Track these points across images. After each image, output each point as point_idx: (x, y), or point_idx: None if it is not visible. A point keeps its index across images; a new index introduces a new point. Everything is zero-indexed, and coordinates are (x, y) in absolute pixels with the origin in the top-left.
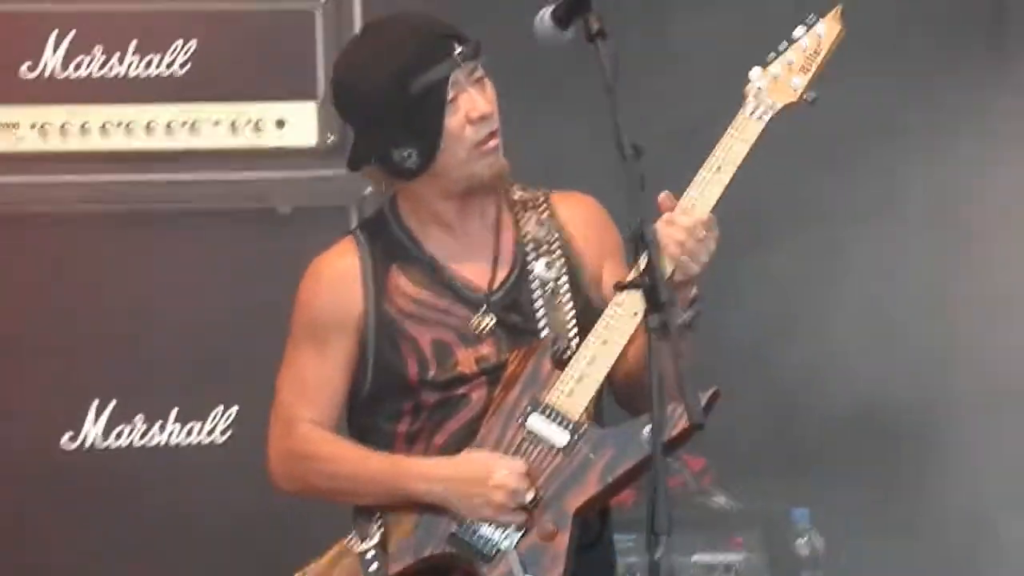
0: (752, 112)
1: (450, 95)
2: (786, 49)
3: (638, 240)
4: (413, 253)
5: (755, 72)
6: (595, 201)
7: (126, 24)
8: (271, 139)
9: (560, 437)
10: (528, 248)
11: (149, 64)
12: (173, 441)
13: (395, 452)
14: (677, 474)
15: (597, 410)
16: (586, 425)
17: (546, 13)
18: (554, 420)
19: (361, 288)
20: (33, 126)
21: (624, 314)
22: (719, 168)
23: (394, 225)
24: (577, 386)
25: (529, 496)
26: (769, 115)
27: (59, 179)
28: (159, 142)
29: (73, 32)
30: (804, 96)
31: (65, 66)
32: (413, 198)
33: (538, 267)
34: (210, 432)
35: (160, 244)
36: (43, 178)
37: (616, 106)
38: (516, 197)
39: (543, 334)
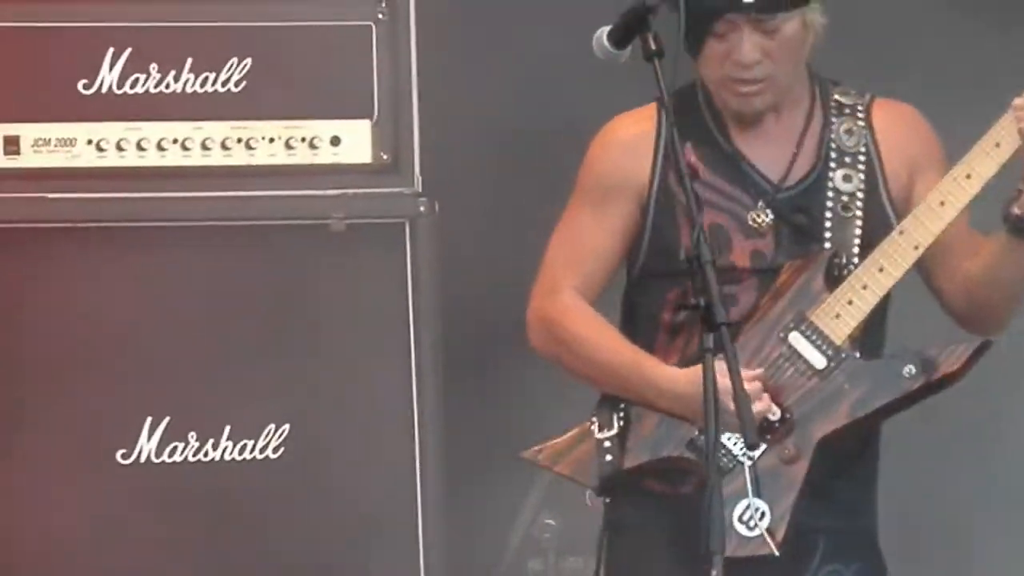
0: None
1: (719, 28)
2: None
3: (695, 260)
4: (713, 134)
5: None
6: (916, 113)
7: (182, 41)
8: (326, 156)
9: (819, 359)
10: (832, 155)
11: (205, 81)
12: (227, 457)
13: (657, 341)
14: None
15: (871, 336)
16: (846, 352)
17: (603, 33)
18: (815, 341)
19: (651, 157)
20: (90, 142)
21: (905, 245)
22: None
23: (702, 101)
24: (845, 310)
25: (776, 414)
26: None
27: (115, 196)
28: (215, 159)
29: (129, 50)
30: None
31: (121, 83)
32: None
33: (837, 176)
34: (262, 450)
35: (216, 261)
36: (99, 195)
37: (674, 125)
38: (835, 98)
39: (826, 244)
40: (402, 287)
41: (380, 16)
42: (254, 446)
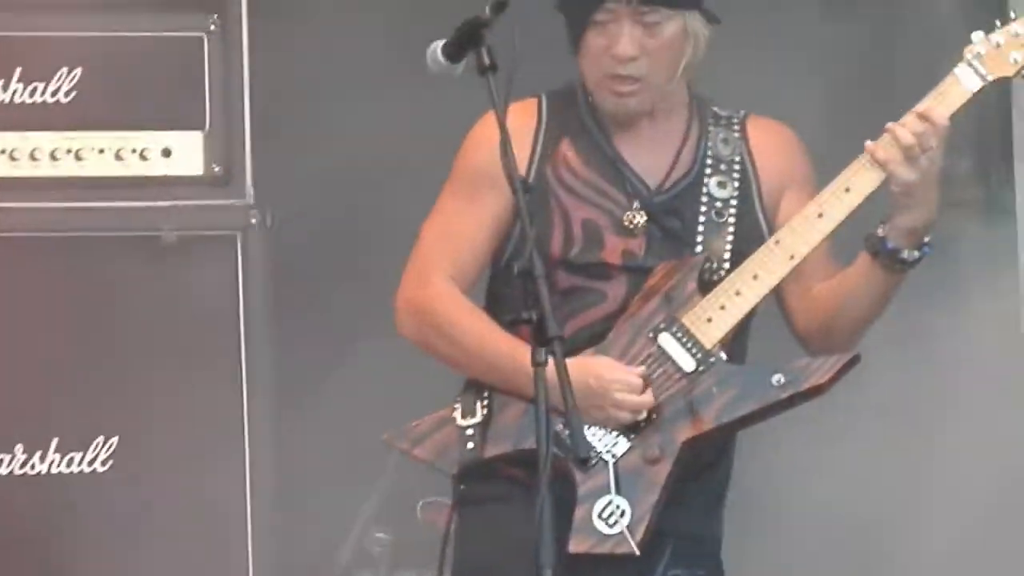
0: (962, 77)
1: (599, 17)
2: (1014, 20)
3: (527, 274)
4: (593, 133)
5: (978, 35)
6: (790, 131)
7: (10, 51)
8: (157, 168)
9: (688, 362)
10: (708, 162)
11: (34, 91)
12: (54, 471)
13: (521, 332)
14: None
15: (735, 346)
16: (716, 356)
17: (437, 47)
18: (686, 343)
19: (529, 148)
20: None
21: (781, 254)
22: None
23: (582, 101)
24: (718, 314)
25: (647, 400)
26: (979, 84)
27: None
28: (44, 170)
29: None
30: (1021, 72)
31: None
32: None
33: (712, 183)
34: (91, 462)
35: (45, 272)
36: None
37: (508, 138)
38: (712, 110)
39: (698, 249)
40: (234, 299)
41: (212, 27)
42: (82, 458)
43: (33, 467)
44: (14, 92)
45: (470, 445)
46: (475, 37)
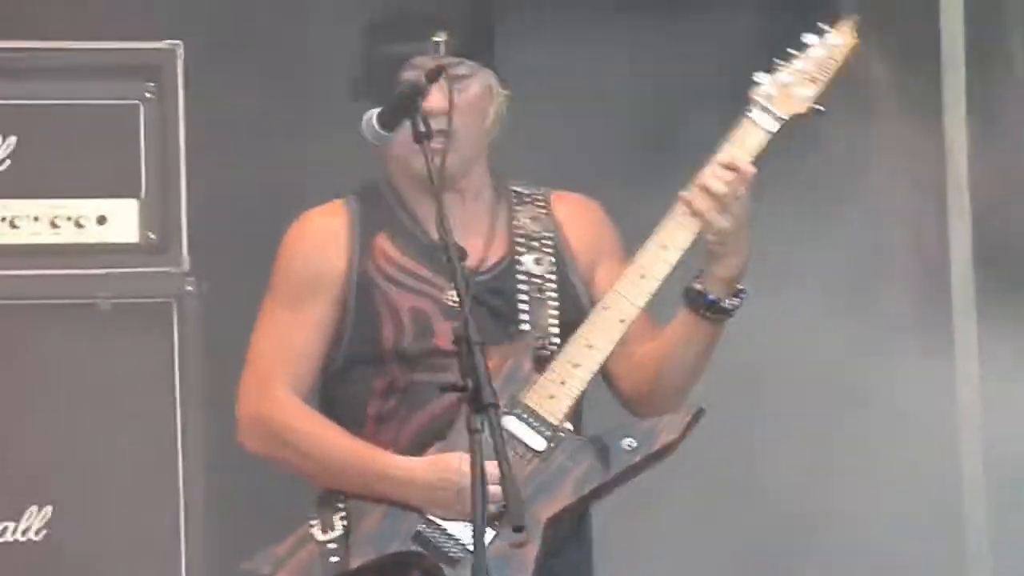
0: (757, 120)
1: (406, 73)
2: (796, 57)
3: (463, 341)
4: (403, 220)
5: (762, 77)
6: (595, 204)
7: None
8: (92, 235)
9: (537, 441)
10: (520, 240)
11: None
12: None
13: (363, 433)
14: None
15: (576, 416)
16: (564, 432)
17: (372, 116)
18: (531, 423)
19: (346, 248)
20: None
21: (610, 319)
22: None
23: (387, 191)
24: (559, 389)
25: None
26: (776, 126)
27: None
28: None
29: None
30: (812, 107)
31: None
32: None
33: (528, 260)
34: (24, 532)
35: None
36: None
37: (443, 206)
38: (513, 189)
39: (524, 326)
40: (169, 367)
41: (147, 95)
42: (15, 528)
43: None
44: None
45: (333, 559)
46: (411, 105)
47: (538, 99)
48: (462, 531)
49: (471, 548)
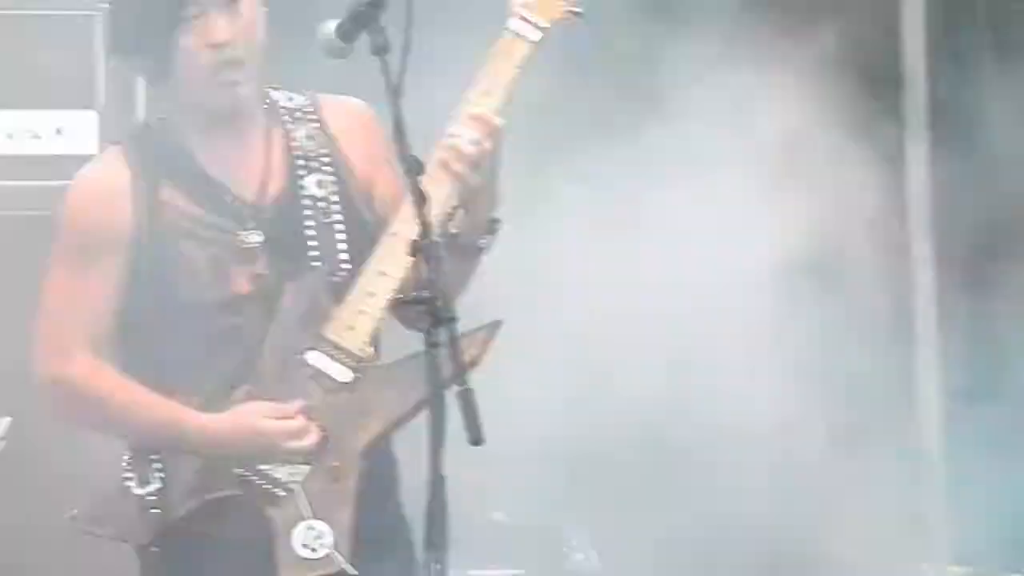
0: (519, 31)
1: (188, 12)
2: None
3: (419, 253)
4: (187, 166)
5: None
6: (365, 106)
7: None
8: (50, 147)
9: (343, 373)
10: (299, 162)
11: None
12: None
13: (169, 384)
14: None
15: (375, 343)
16: (368, 361)
17: (331, 27)
18: (335, 356)
19: (131, 203)
20: None
21: (401, 244)
22: (488, 92)
23: (161, 134)
24: (358, 320)
25: (312, 439)
26: (539, 35)
27: None
28: None
29: None
30: (571, 11)
31: None
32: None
33: (309, 182)
34: None
35: None
36: None
37: (401, 120)
38: (285, 104)
39: (314, 254)
40: None
41: (103, 5)
42: None
43: None
44: None
45: (156, 510)
46: (370, 17)
47: None
48: (281, 471)
49: (291, 486)
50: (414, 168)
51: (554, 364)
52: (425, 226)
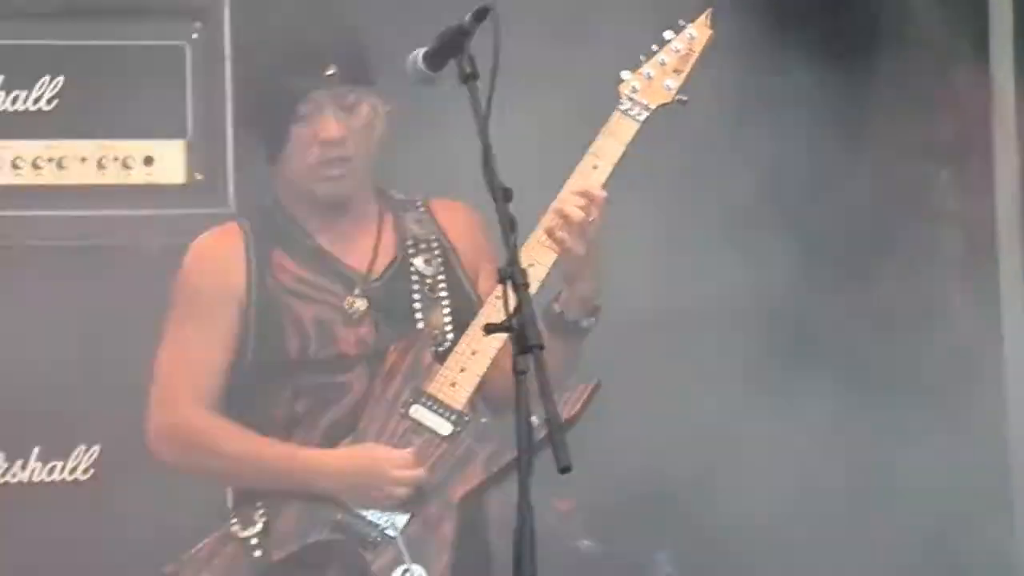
0: (626, 111)
1: (303, 110)
2: (658, 51)
3: (507, 281)
4: (295, 236)
5: (627, 73)
6: (471, 208)
7: None
8: (139, 176)
9: (444, 427)
10: (408, 243)
11: (16, 100)
12: (36, 479)
13: (274, 436)
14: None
15: (480, 404)
16: (469, 415)
17: (419, 55)
18: (437, 410)
19: (244, 263)
20: None
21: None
22: (595, 167)
23: (277, 212)
24: (459, 377)
25: (421, 471)
26: (644, 115)
27: None
28: (26, 178)
29: None
30: (677, 97)
31: None
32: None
33: (418, 262)
34: (72, 470)
35: (27, 280)
36: None
37: (489, 149)
38: (397, 197)
39: (419, 325)
40: None
41: (194, 36)
42: (63, 467)
43: (14, 475)
44: None
45: (257, 553)
46: (456, 46)
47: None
48: (379, 517)
49: (389, 532)
50: (502, 195)
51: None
52: (513, 254)
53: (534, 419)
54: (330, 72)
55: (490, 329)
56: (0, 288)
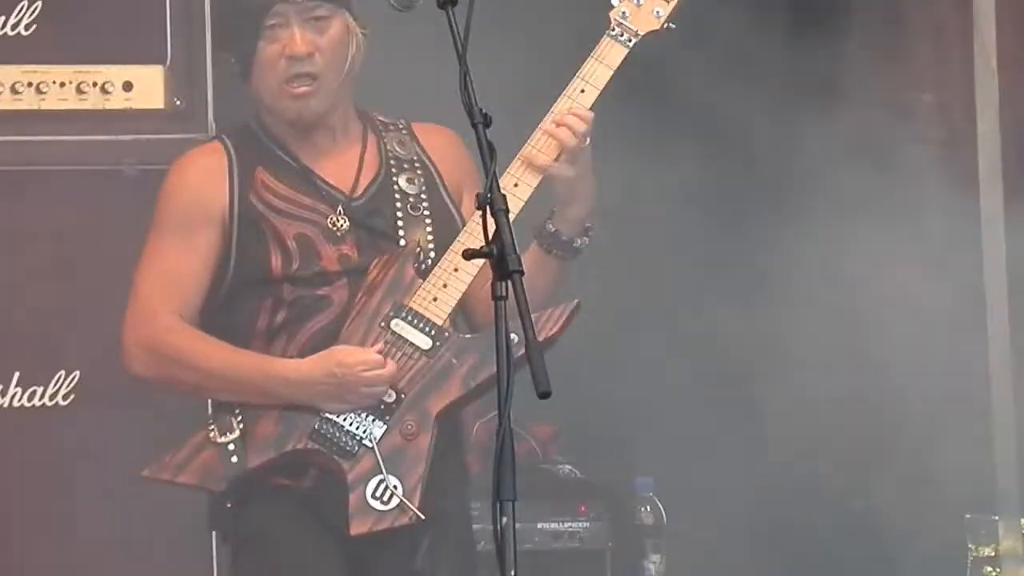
0: (616, 36)
1: (269, 22)
2: None
3: (486, 206)
4: (278, 153)
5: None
6: (453, 132)
7: None
8: (118, 102)
9: (423, 341)
10: (392, 163)
11: None
12: (15, 404)
13: (254, 347)
14: (524, 441)
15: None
16: (449, 331)
17: None
18: (417, 325)
19: (226, 181)
20: None
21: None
22: (583, 90)
23: (258, 130)
24: (441, 292)
25: (391, 368)
26: (632, 41)
27: None
28: (4, 103)
29: None
30: (665, 24)
31: None
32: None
33: (401, 181)
34: (52, 396)
35: (4, 206)
36: None
37: (467, 73)
38: (380, 119)
39: (402, 243)
40: None
41: None
42: (43, 392)
43: None
44: None
45: (234, 459)
46: None
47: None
48: (357, 427)
49: (366, 442)
50: (482, 121)
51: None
52: (492, 180)
53: (514, 336)
54: None
55: (469, 255)
56: None
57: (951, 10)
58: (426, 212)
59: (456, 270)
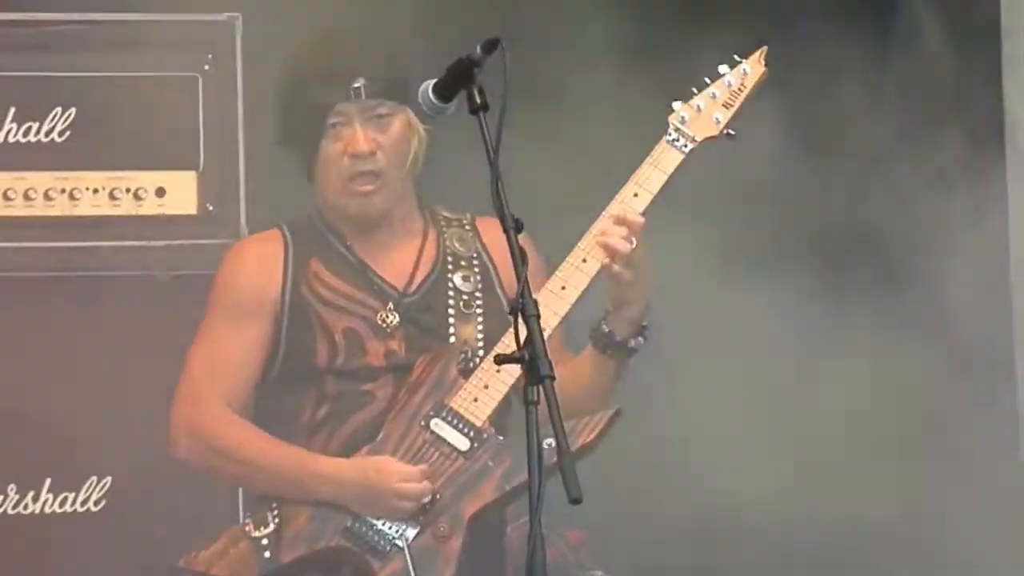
0: (673, 142)
1: (332, 120)
2: (710, 84)
3: (518, 312)
4: (335, 245)
5: (678, 104)
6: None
7: (5, 90)
8: (151, 207)
9: (462, 442)
10: (449, 259)
11: (28, 131)
12: (47, 510)
13: (294, 442)
14: (553, 546)
15: (501, 421)
16: (488, 432)
17: (429, 86)
18: (457, 425)
19: (281, 271)
20: None
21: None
22: (636, 195)
23: (318, 222)
24: (482, 394)
25: (427, 486)
26: (689, 147)
27: None
28: (38, 210)
29: None
30: (725, 131)
31: None
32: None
33: (456, 278)
34: (84, 502)
35: (38, 311)
36: None
37: (498, 178)
38: (442, 214)
39: (451, 340)
40: None
41: (206, 67)
42: (75, 499)
43: (26, 507)
44: (8, 131)
45: (267, 554)
46: (466, 76)
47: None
48: (389, 527)
49: (398, 542)
50: (513, 226)
51: None
52: (524, 285)
53: (549, 442)
54: (357, 84)
55: (500, 359)
56: (13, 318)
57: None
58: (479, 310)
59: (499, 371)
